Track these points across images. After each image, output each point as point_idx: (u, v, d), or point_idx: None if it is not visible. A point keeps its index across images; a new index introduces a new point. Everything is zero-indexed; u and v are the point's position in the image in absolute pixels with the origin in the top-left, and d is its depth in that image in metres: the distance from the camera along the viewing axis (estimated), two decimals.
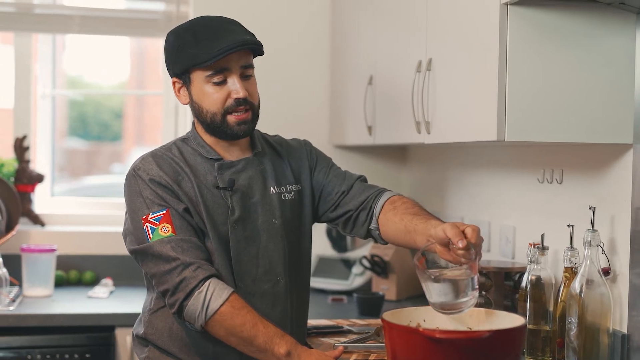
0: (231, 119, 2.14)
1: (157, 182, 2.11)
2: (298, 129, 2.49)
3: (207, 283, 2.03)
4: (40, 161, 4.01)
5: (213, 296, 2.02)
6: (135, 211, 2.12)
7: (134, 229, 2.13)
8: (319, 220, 2.36)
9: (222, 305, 2.01)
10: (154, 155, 2.18)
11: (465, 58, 2.32)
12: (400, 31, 2.89)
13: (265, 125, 2.51)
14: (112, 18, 3.94)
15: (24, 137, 3.81)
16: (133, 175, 2.15)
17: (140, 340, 2.24)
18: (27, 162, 3.80)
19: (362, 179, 2.34)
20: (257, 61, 2.18)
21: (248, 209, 2.17)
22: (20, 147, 3.80)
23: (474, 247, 1.87)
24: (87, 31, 3.93)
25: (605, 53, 2.11)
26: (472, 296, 1.90)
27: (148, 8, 4.05)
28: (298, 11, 3.90)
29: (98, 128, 4.68)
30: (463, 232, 1.89)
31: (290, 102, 3.90)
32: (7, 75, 3.97)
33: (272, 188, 2.22)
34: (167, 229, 2.08)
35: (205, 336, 2.12)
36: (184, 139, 2.24)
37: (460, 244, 1.85)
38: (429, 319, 2.01)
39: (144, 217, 2.09)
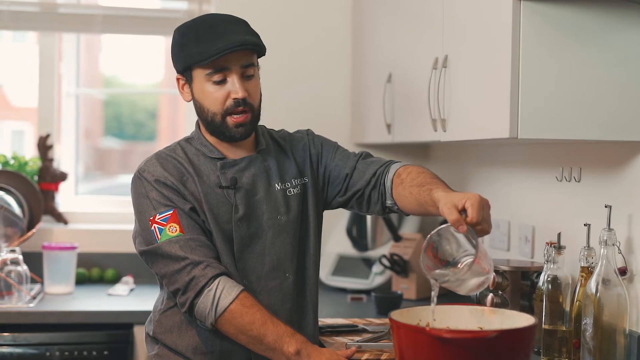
0: (230, 120, 2.14)
1: (162, 183, 2.12)
2: (320, 128, 2.48)
3: (216, 281, 2.04)
4: (64, 160, 4.04)
5: (222, 294, 2.02)
6: (142, 213, 2.13)
7: (142, 230, 2.13)
8: (329, 206, 2.34)
9: (231, 303, 2.02)
10: (158, 156, 2.19)
11: (479, 55, 2.29)
12: (418, 28, 2.87)
13: (287, 124, 2.49)
14: (135, 17, 3.95)
15: (48, 136, 3.83)
16: (138, 178, 2.16)
17: (151, 339, 2.25)
18: (51, 160, 3.83)
19: (364, 156, 2.30)
20: (278, 60, 2.15)
21: (252, 206, 2.17)
22: (44, 146, 3.82)
23: (473, 232, 1.84)
24: (110, 30, 3.95)
25: (621, 49, 2.07)
26: (483, 280, 1.87)
27: (171, 7, 4.06)
28: (319, 10, 3.89)
29: (133, 128, 4.72)
30: (464, 208, 1.85)
31: (312, 101, 3.89)
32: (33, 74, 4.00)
33: (276, 185, 2.21)
34: (174, 228, 2.08)
35: (214, 335, 2.12)
36: (188, 139, 2.25)
37: (461, 231, 1.83)
38: (439, 318, 1.98)
39: (151, 218, 2.10)
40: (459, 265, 1.90)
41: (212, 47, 2.07)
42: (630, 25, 2.07)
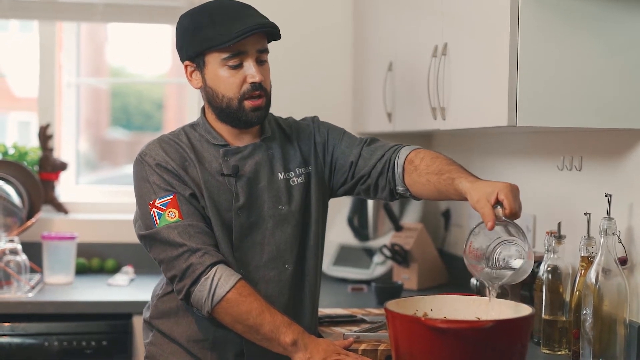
0: (248, 104, 2.11)
1: (163, 167, 2.10)
2: (321, 118, 2.46)
3: (214, 269, 2.02)
4: (65, 149, 4.03)
5: (220, 283, 2.00)
6: (142, 197, 2.11)
7: (141, 214, 2.12)
8: (335, 194, 2.31)
9: (228, 292, 2.00)
10: (161, 140, 2.17)
11: (478, 42, 2.26)
12: (418, 16, 2.84)
13: (288, 113, 2.46)
14: (135, 5, 3.93)
15: (48, 126, 3.82)
16: (140, 161, 2.14)
17: (147, 325, 2.24)
18: (51, 150, 3.81)
19: (369, 142, 2.26)
20: (280, 49, 2.12)
21: (254, 195, 2.14)
22: (44, 136, 3.81)
23: (514, 223, 1.84)
24: (111, 19, 3.94)
25: (621, 36, 2.04)
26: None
27: None
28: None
29: (141, 119, 4.71)
30: (498, 200, 1.84)
31: (314, 90, 3.87)
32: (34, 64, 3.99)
33: (279, 174, 2.19)
34: (174, 214, 2.06)
35: (210, 323, 2.11)
36: (192, 125, 2.22)
37: (489, 225, 1.82)
38: (436, 308, 1.96)
39: (151, 202, 2.08)
40: (499, 256, 1.89)
41: (232, 30, 2.04)
42: (630, 12, 2.04)
